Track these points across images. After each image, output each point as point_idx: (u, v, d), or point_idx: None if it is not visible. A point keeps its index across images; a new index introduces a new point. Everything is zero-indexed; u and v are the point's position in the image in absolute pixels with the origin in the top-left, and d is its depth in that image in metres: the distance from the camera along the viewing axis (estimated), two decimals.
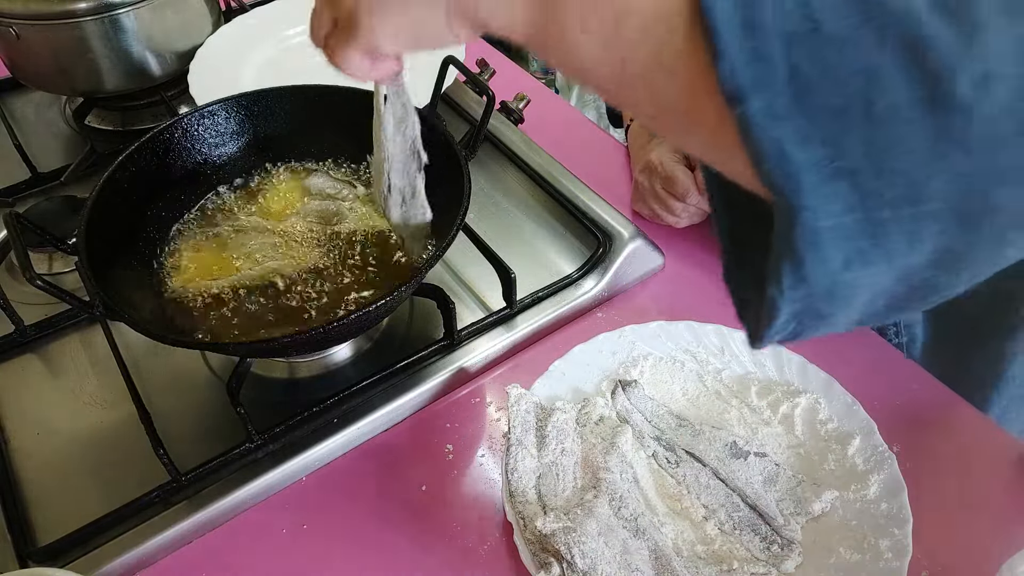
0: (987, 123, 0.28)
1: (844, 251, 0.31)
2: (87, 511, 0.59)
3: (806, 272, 0.31)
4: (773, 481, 0.60)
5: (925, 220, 0.30)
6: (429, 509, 0.61)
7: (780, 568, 0.55)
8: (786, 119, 0.29)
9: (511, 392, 0.64)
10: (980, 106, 0.27)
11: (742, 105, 0.29)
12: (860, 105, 0.28)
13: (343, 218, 0.73)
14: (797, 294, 0.32)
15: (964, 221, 0.30)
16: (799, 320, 0.34)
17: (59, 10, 0.84)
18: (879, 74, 0.28)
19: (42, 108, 1.04)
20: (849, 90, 0.28)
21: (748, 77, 0.29)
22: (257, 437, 0.63)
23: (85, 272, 0.60)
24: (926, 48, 0.28)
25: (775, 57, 0.29)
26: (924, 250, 0.31)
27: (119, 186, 0.67)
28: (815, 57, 0.28)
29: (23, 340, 0.72)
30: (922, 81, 0.28)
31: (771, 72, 0.29)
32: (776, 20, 0.29)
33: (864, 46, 0.28)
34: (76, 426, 0.67)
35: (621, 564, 0.54)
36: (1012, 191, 0.29)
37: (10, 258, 0.78)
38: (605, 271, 0.76)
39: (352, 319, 0.57)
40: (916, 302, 0.34)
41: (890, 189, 0.29)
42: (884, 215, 0.30)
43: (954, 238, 0.30)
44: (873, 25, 0.28)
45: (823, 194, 0.29)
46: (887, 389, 0.67)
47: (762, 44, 0.29)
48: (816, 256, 0.31)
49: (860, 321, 0.35)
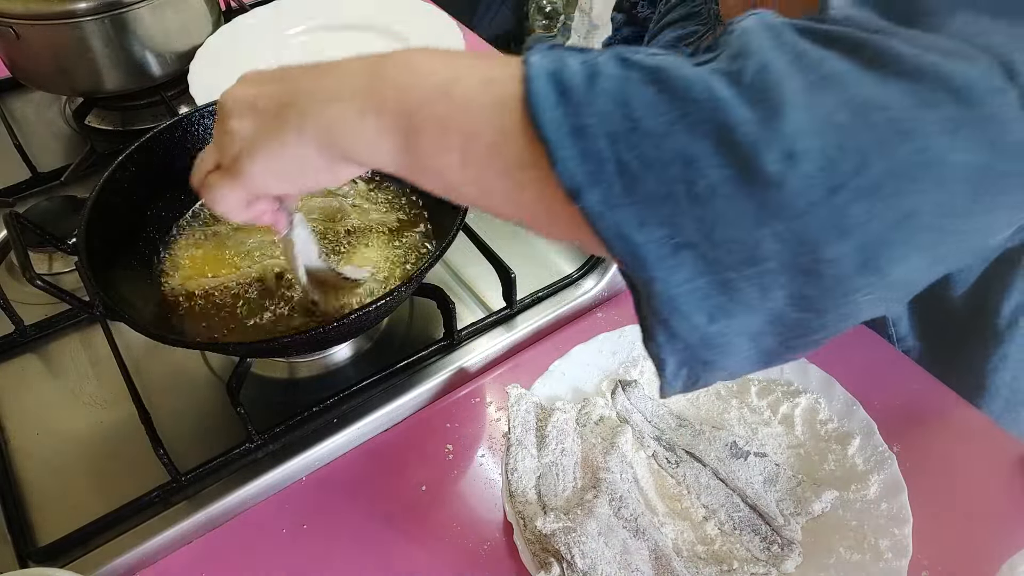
0: (797, 193, 0.30)
1: (704, 308, 0.34)
2: (87, 511, 0.59)
3: (674, 329, 0.35)
4: (773, 481, 0.60)
5: (768, 275, 0.32)
6: (429, 509, 0.61)
7: (780, 568, 0.55)
8: (621, 207, 0.32)
9: (511, 392, 0.64)
10: (789, 178, 0.30)
11: (581, 200, 0.33)
12: (683, 188, 0.31)
13: (347, 215, 0.73)
14: (675, 347, 0.36)
15: (804, 274, 0.32)
16: (689, 367, 0.37)
17: (59, 10, 0.84)
18: (694, 160, 0.31)
19: (42, 108, 1.04)
20: (671, 176, 0.32)
21: (582, 174, 0.33)
22: (257, 437, 0.63)
23: (85, 272, 0.60)
24: (732, 132, 0.31)
25: (603, 154, 0.32)
26: (778, 297, 0.33)
27: (119, 186, 0.67)
28: (637, 151, 0.32)
29: (23, 340, 0.72)
30: (732, 163, 0.31)
31: (601, 168, 0.32)
32: (599, 123, 0.32)
33: (679, 137, 0.31)
34: (76, 426, 0.67)
35: (621, 564, 0.54)
36: (836, 248, 0.31)
37: (10, 258, 0.78)
38: (605, 271, 0.76)
39: (352, 319, 0.57)
40: (803, 338, 0.36)
41: (728, 256, 0.32)
42: (731, 276, 0.33)
43: (801, 287, 0.33)
44: (685, 118, 0.31)
45: (669, 266, 0.33)
46: (887, 389, 0.67)
47: (590, 144, 0.32)
48: (679, 316, 0.34)
49: (760, 360, 0.37)
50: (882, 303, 0.35)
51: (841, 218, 0.31)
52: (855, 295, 0.33)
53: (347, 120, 0.40)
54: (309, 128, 0.41)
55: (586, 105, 0.33)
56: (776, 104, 0.31)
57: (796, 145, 0.30)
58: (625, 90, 0.33)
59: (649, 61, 0.33)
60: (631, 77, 0.33)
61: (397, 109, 0.39)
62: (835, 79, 0.31)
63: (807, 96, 0.31)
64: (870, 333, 0.73)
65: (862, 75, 0.31)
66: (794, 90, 0.31)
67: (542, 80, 0.34)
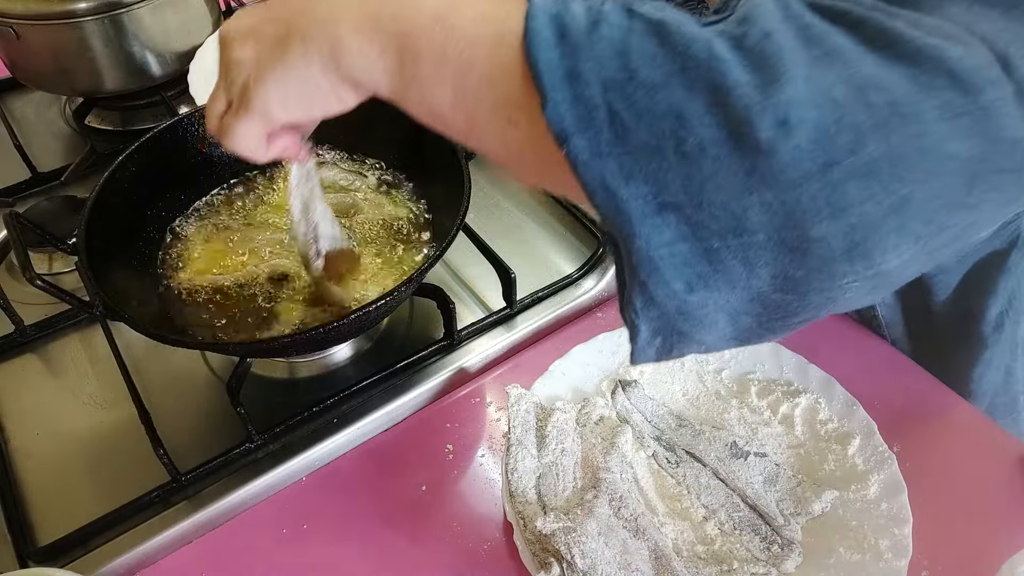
0: (789, 163, 0.30)
1: (684, 276, 0.33)
2: (87, 511, 0.59)
3: (651, 294, 0.34)
4: (773, 481, 0.60)
5: (754, 248, 0.32)
6: (429, 509, 0.61)
7: (780, 568, 0.55)
8: (609, 156, 0.32)
9: (511, 392, 0.64)
10: (781, 147, 0.30)
11: (568, 144, 0.32)
12: (672, 144, 0.31)
13: (360, 210, 0.74)
14: (650, 314, 0.35)
15: (790, 251, 0.32)
16: (663, 337, 0.36)
17: (59, 10, 0.84)
18: (686, 116, 0.31)
19: (42, 108, 1.04)
20: (661, 130, 0.31)
21: (572, 119, 0.32)
22: (257, 437, 0.63)
23: (85, 272, 0.60)
24: (727, 93, 0.30)
25: (595, 100, 0.32)
26: (763, 275, 0.33)
27: (119, 186, 0.67)
28: (630, 101, 0.32)
29: (23, 340, 0.72)
30: (724, 123, 0.30)
31: (592, 114, 0.32)
32: (595, 69, 0.32)
33: (673, 91, 0.31)
34: (76, 426, 0.67)
35: (621, 564, 0.54)
36: (825, 226, 0.31)
37: (10, 258, 0.78)
38: (605, 271, 0.76)
39: (352, 319, 0.57)
40: (782, 320, 0.36)
41: (714, 221, 0.32)
42: (715, 244, 0.32)
43: (787, 265, 0.32)
44: (683, 72, 0.31)
45: (652, 225, 0.32)
46: (887, 389, 0.67)
47: (583, 89, 0.32)
48: (657, 280, 0.33)
49: (737, 337, 0.37)
50: (867, 293, 0.34)
51: (834, 195, 0.30)
52: (840, 280, 0.33)
53: (347, 40, 0.40)
54: (312, 50, 0.41)
55: (584, 50, 0.32)
56: (776, 71, 0.30)
57: (791, 114, 0.30)
58: (626, 40, 0.32)
59: (654, 14, 0.33)
60: (634, 28, 0.33)
61: (394, 30, 0.39)
62: (838, 55, 0.31)
63: (808, 69, 0.30)
64: (870, 333, 0.73)
65: (864, 53, 0.31)
66: (796, 61, 0.31)
67: (543, 20, 0.34)
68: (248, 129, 0.45)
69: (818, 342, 0.69)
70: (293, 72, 0.42)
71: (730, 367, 0.69)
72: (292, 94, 0.43)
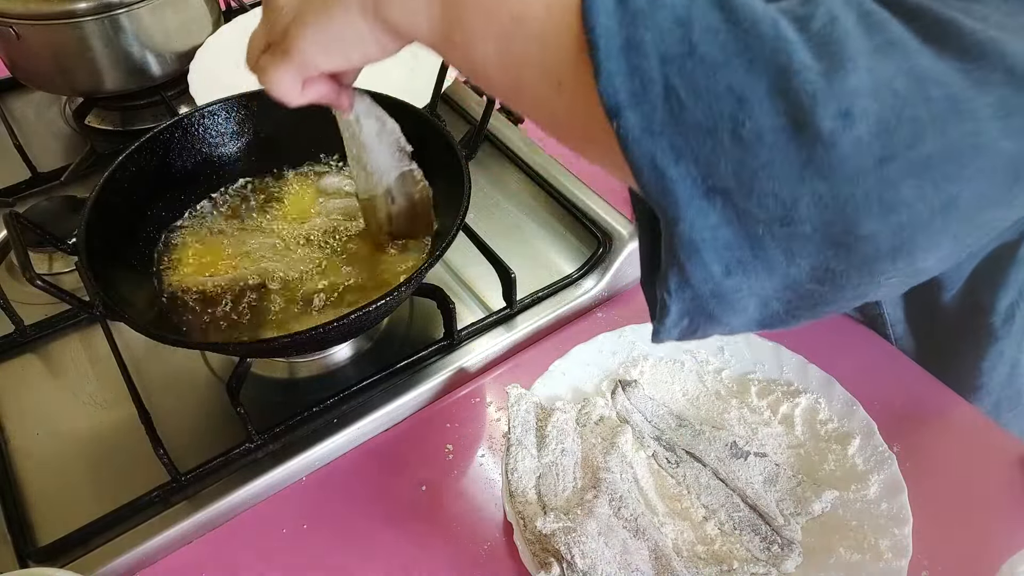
0: (847, 155, 0.29)
1: (724, 260, 0.32)
2: (87, 511, 0.59)
3: (688, 276, 0.33)
4: (773, 481, 0.60)
5: (798, 240, 0.31)
6: (429, 509, 0.61)
7: (780, 568, 0.55)
8: (661, 135, 0.31)
9: (511, 392, 0.64)
10: (841, 139, 0.29)
11: (619, 118, 0.31)
12: (728, 126, 0.30)
13: None
14: (684, 295, 0.34)
15: (835, 245, 0.31)
16: (691, 318, 0.36)
17: (59, 10, 0.84)
18: (746, 98, 0.30)
19: (42, 108, 1.04)
20: (719, 111, 0.30)
21: (625, 92, 0.31)
22: (257, 437, 0.63)
23: (85, 272, 0.60)
24: (791, 78, 0.29)
25: (652, 74, 0.30)
26: (803, 265, 0.32)
27: (119, 186, 0.67)
28: (689, 77, 0.30)
29: (23, 340, 0.72)
30: (786, 109, 0.29)
31: (647, 88, 0.30)
32: (655, 40, 0.30)
33: (735, 71, 0.30)
34: (76, 426, 0.67)
35: (621, 564, 0.54)
36: (875, 223, 0.30)
37: (10, 258, 0.78)
38: (605, 271, 0.76)
39: (352, 319, 0.57)
40: (810, 309, 0.35)
41: (762, 209, 0.31)
42: (760, 231, 0.31)
43: (829, 259, 0.32)
44: (747, 51, 0.30)
45: (699, 208, 0.31)
46: (887, 389, 0.67)
47: (640, 61, 0.30)
48: (696, 263, 0.33)
49: (761, 322, 0.36)
50: (898, 288, 0.34)
51: (887, 192, 0.29)
52: (880, 276, 0.32)
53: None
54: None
55: (645, 18, 0.31)
56: (841, 58, 0.29)
57: (855, 104, 0.29)
58: (690, 11, 0.31)
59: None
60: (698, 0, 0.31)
61: None
62: (898, 44, 0.30)
63: (871, 58, 0.29)
64: (870, 333, 0.73)
65: (923, 45, 0.30)
66: (860, 50, 0.29)
67: None
68: (285, 73, 0.45)
69: (818, 342, 0.69)
70: (334, 18, 0.42)
71: (730, 367, 0.69)
72: (332, 40, 0.43)
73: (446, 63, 0.76)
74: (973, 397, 0.71)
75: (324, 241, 0.72)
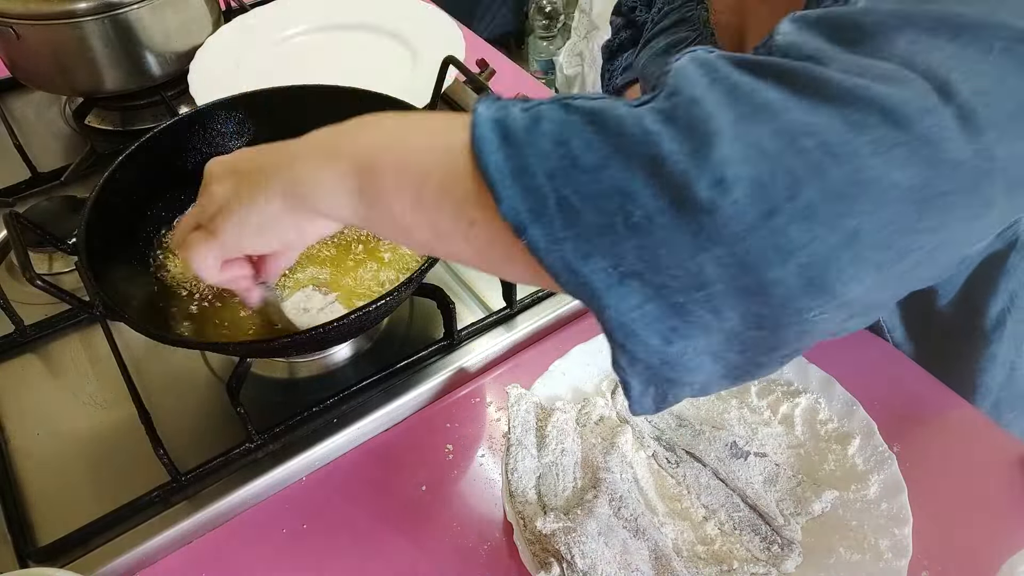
0: (731, 217, 0.31)
1: (659, 332, 0.34)
2: (87, 511, 0.59)
3: (633, 353, 0.36)
4: (773, 481, 0.60)
5: (717, 298, 0.33)
6: (429, 509, 0.61)
7: (780, 568, 0.55)
8: (565, 240, 0.34)
9: (511, 392, 0.64)
10: (721, 204, 0.31)
11: (526, 235, 0.34)
12: (620, 219, 0.33)
13: None
14: (636, 369, 0.37)
15: (752, 294, 0.33)
16: (655, 386, 0.38)
17: (59, 10, 0.84)
18: (628, 191, 0.33)
19: (42, 108, 1.04)
20: (608, 208, 0.33)
21: (525, 211, 0.34)
22: (257, 437, 0.63)
23: (85, 272, 0.60)
24: (662, 163, 0.32)
25: (544, 190, 0.34)
26: (732, 317, 0.34)
27: (119, 186, 0.67)
28: (575, 186, 0.33)
29: (23, 340, 0.72)
30: (665, 191, 0.32)
31: (543, 203, 0.34)
32: (539, 162, 0.34)
33: (613, 171, 0.33)
34: (76, 426, 0.67)
35: (621, 564, 0.54)
36: (778, 270, 0.32)
37: (10, 258, 0.78)
38: None
39: (352, 319, 0.57)
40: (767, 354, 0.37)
41: (674, 280, 0.33)
42: (680, 299, 0.33)
43: (752, 306, 0.33)
44: (619, 152, 0.33)
45: (618, 294, 0.34)
46: (887, 389, 0.67)
47: (530, 181, 0.34)
48: (634, 340, 0.35)
49: (730, 375, 0.38)
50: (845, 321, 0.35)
51: (780, 240, 0.31)
52: (807, 314, 0.33)
53: (309, 171, 0.43)
54: (275, 185, 0.44)
55: (527, 146, 0.35)
56: (705, 135, 0.32)
57: (726, 172, 0.31)
58: (564, 131, 0.34)
59: (588, 104, 0.35)
60: (570, 120, 0.35)
61: (354, 154, 0.42)
62: (766, 108, 0.32)
63: (737, 126, 0.32)
64: (870, 333, 0.73)
65: (792, 102, 0.32)
66: (725, 122, 0.32)
67: (486, 127, 0.36)
68: (207, 252, 0.48)
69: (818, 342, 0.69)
70: (256, 207, 0.45)
71: None
72: (252, 227, 0.46)
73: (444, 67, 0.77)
74: (972, 399, 0.71)
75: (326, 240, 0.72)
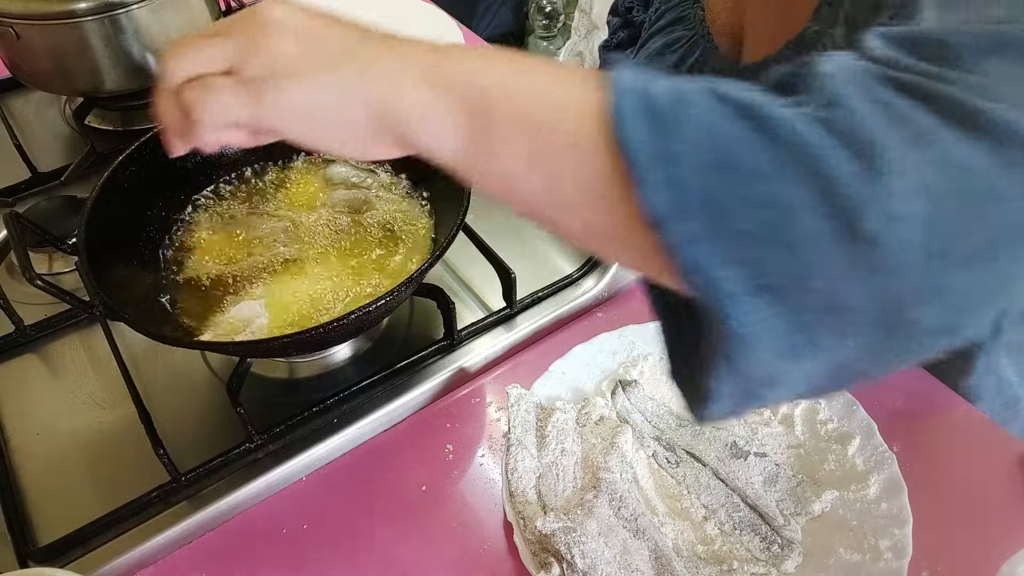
0: (895, 252, 0.30)
1: (777, 347, 0.32)
2: (87, 511, 0.59)
3: (738, 365, 0.33)
4: (773, 481, 0.60)
5: (849, 325, 0.32)
6: (429, 509, 0.61)
7: (780, 568, 0.55)
8: (703, 241, 0.31)
9: (511, 392, 0.64)
10: (888, 239, 0.29)
11: (663, 230, 0.31)
12: (773, 233, 0.30)
13: (372, 206, 0.74)
14: (733, 381, 0.34)
15: (884, 328, 0.32)
16: (736, 400, 0.36)
17: (59, 10, 0.84)
18: (791, 205, 0.30)
19: (42, 108, 1.04)
20: (762, 218, 0.30)
21: (667, 204, 0.31)
22: (257, 437, 0.63)
23: (85, 272, 0.60)
24: (833, 183, 0.29)
25: (689, 183, 0.31)
26: (850, 346, 0.33)
27: (119, 186, 0.67)
28: (729, 187, 0.31)
29: (23, 340, 0.72)
30: (832, 214, 0.30)
31: (687, 198, 0.31)
32: (688, 151, 0.31)
33: (772, 180, 0.30)
34: (76, 426, 0.67)
35: (621, 564, 0.54)
36: (924, 309, 0.31)
37: (10, 258, 0.78)
38: (605, 271, 0.76)
39: (352, 319, 0.57)
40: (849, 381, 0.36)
41: (813, 301, 0.31)
42: (809, 319, 0.32)
43: (878, 339, 0.32)
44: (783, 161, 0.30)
45: (748, 304, 0.31)
46: (887, 389, 0.67)
47: (676, 171, 0.31)
48: (746, 354, 0.32)
49: (802, 394, 0.37)
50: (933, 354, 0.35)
51: (938, 282, 0.30)
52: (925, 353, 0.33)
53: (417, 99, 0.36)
54: (370, 92, 0.37)
55: (674, 130, 0.31)
56: (872, 159, 0.30)
57: (898, 208, 0.29)
58: (716, 123, 0.31)
59: (739, 96, 0.32)
60: (723, 111, 0.31)
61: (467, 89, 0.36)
62: (928, 136, 0.30)
63: (904, 153, 0.30)
64: None
65: (946, 131, 0.30)
66: (891, 146, 0.30)
67: (631, 96, 0.32)
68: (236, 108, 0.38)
69: None
70: (331, 96, 0.37)
71: None
72: (307, 116, 0.38)
73: None
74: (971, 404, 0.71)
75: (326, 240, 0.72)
